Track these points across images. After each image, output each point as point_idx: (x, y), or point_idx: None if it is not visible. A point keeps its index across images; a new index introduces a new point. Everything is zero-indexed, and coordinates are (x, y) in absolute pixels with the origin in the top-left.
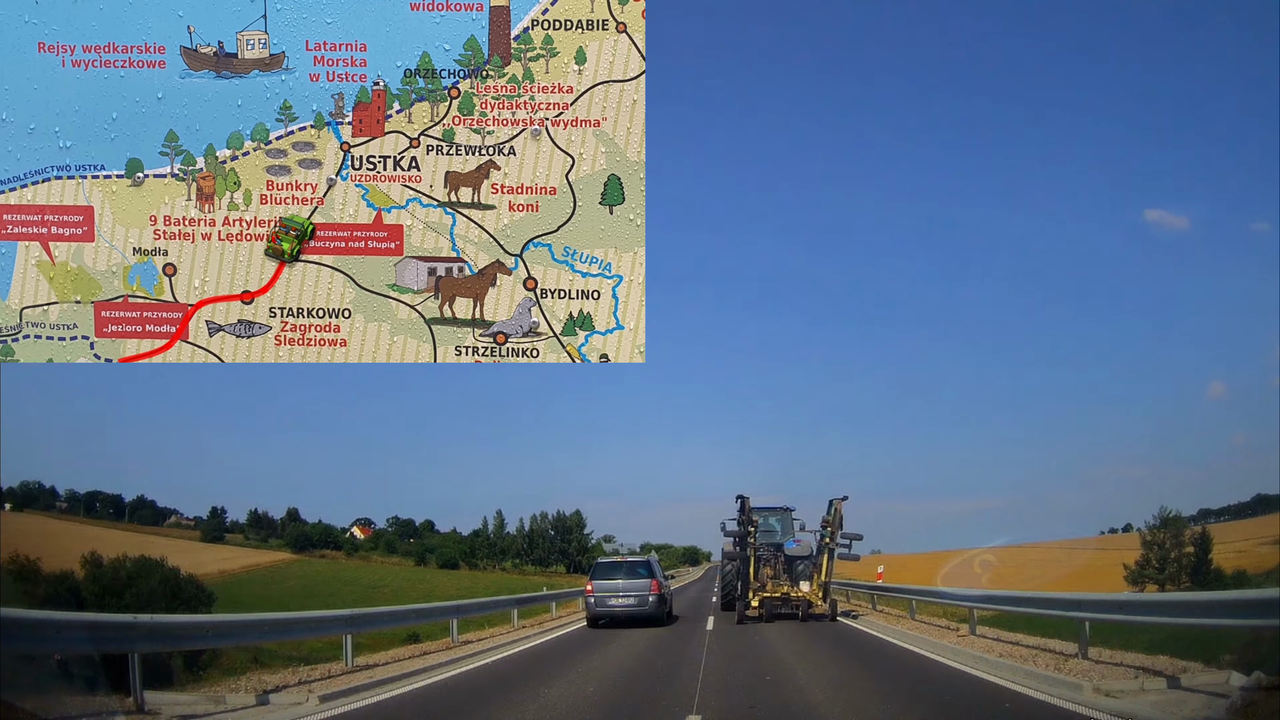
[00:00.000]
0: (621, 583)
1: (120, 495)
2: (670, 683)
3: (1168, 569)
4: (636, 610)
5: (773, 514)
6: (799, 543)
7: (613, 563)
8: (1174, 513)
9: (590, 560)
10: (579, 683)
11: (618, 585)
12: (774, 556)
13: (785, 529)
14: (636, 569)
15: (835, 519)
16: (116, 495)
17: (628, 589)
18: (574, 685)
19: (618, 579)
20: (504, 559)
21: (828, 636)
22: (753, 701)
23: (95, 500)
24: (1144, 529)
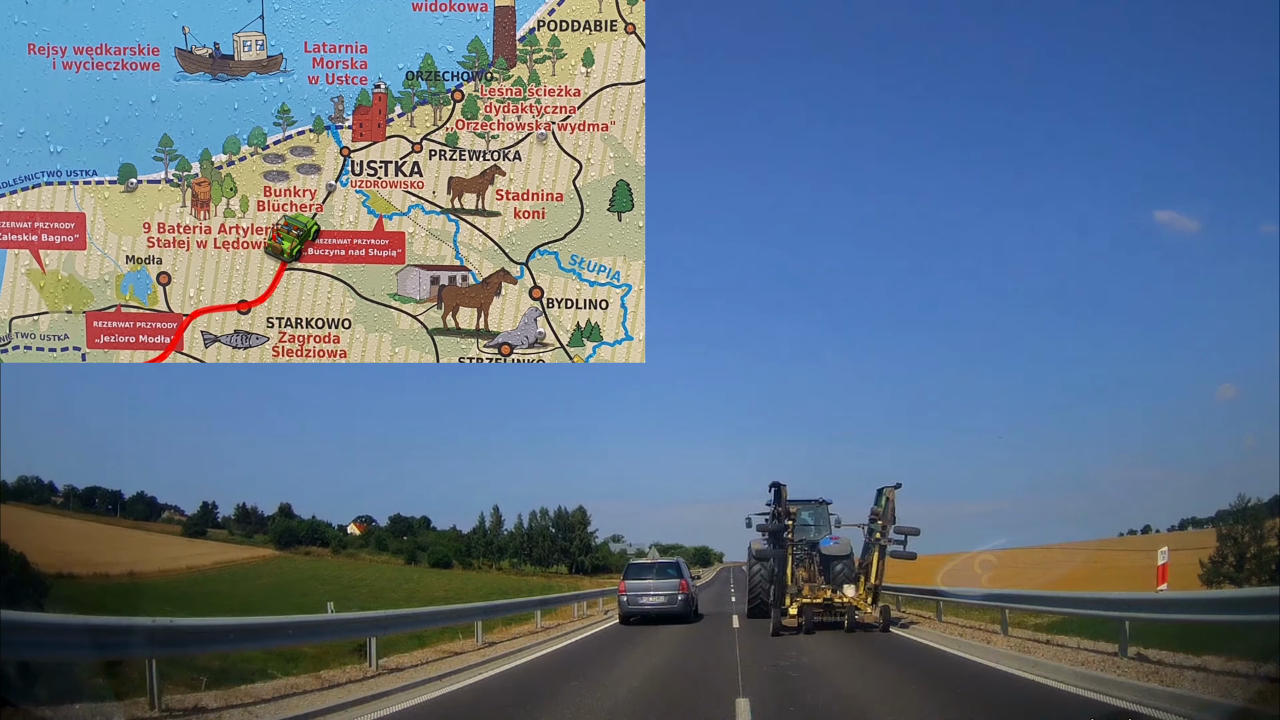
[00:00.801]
0: (653, 582)
1: (119, 491)
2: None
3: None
4: (666, 608)
5: (805, 507)
6: (837, 540)
7: (645, 564)
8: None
9: (595, 561)
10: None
11: (649, 585)
12: (808, 556)
13: (820, 524)
14: (667, 570)
15: (887, 511)
16: (116, 491)
17: (658, 588)
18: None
19: (649, 579)
20: (501, 558)
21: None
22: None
23: (94, 496)
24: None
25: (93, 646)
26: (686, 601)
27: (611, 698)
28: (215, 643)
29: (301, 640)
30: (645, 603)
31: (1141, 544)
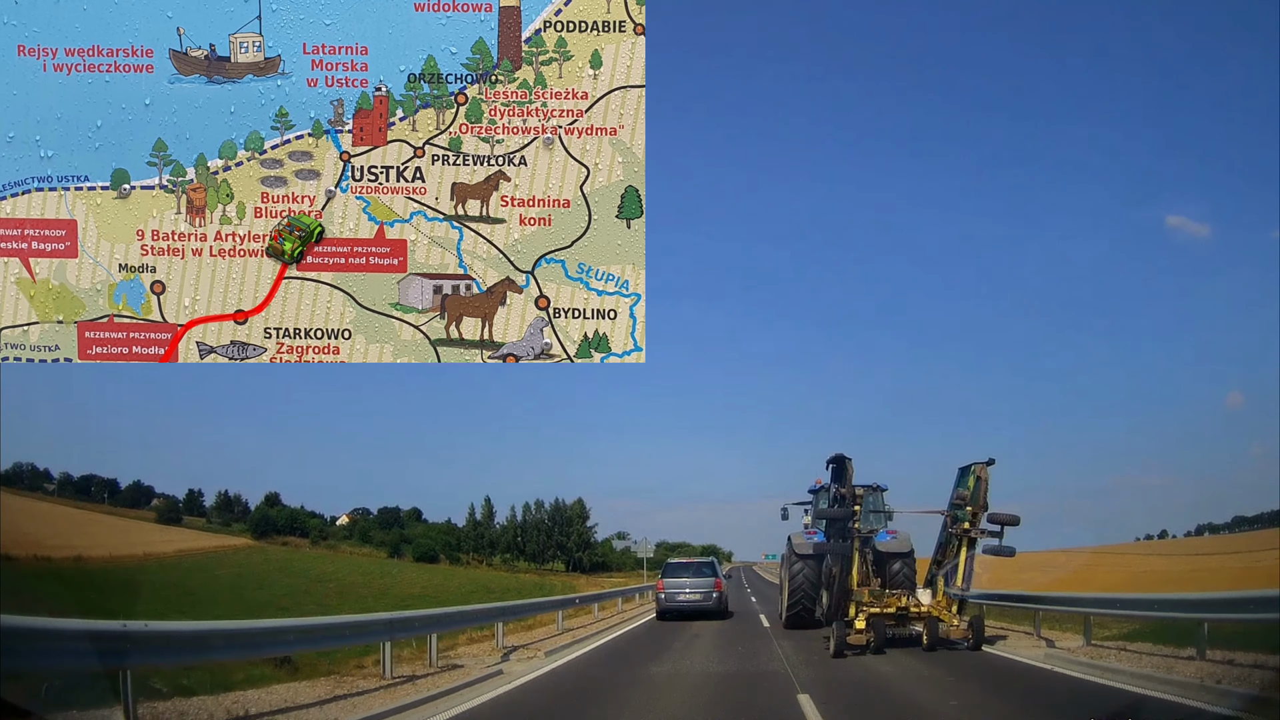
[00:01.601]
0: (689, 580)
1: (115, 480)
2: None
3: None
4: (701, 604)
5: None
6: (894, 534)
7: (682, 563)
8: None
9: (594, 558)
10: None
11: (686, 583)
12: (858, 552)
13: (875, 513)
14: (702, 569)
15: (978, 494)
16: (112, 479)
17: (694, 586)
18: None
19: (686, 577)
20: (493, 553)
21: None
22: None
23: (90, 484)
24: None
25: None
26: (720, 599)
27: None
28: (194, 651)
29: (304, 647)
30: (681, 600)
31: (1163, 548)
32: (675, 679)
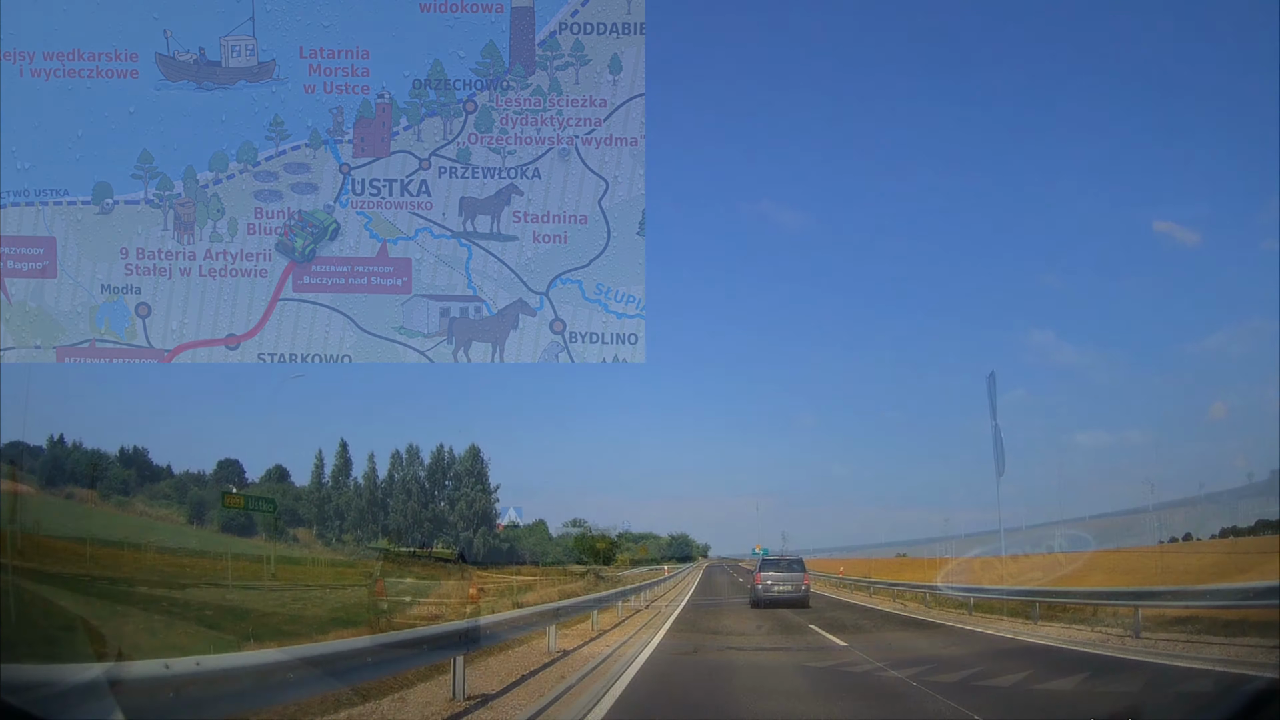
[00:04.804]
0: (783, 575)
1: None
2: None
3: None
4: (792, 595)
5: None
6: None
7: (775, 559)
8: None
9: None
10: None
11: (780, 576)
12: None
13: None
14: (793, 565)
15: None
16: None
17: (787, 579)
18: None
19: (780, 572)
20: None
21: None
22: None
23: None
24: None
25: None
26: (806, 591)
27: None
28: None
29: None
30: (775, 592)
31: (1189, 550)
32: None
